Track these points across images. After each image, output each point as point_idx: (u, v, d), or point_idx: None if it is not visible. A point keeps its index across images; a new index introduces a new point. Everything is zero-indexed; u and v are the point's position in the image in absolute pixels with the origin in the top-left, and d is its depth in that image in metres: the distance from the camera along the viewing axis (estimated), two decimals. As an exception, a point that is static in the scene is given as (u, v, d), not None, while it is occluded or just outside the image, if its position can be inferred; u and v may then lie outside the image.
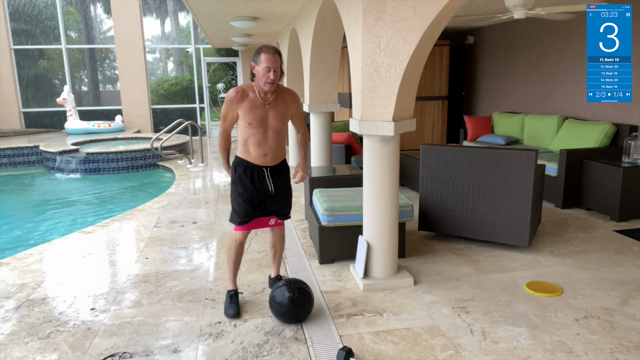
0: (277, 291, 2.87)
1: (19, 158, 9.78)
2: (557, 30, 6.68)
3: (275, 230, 3.22)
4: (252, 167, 2.94)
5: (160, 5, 14.60)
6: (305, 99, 5.96)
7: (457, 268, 3.72)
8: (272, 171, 2.99)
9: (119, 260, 4.06)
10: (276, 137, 2.94)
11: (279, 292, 2.86)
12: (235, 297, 3.12)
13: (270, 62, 2.75)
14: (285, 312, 2.84)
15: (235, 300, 3.10)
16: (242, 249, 3.12)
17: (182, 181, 7.35)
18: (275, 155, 2.97)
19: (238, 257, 3.12)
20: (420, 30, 2.89)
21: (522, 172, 3.80)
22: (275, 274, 3.35)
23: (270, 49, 2.79)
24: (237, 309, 3.04)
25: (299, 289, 2.86)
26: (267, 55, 2.76)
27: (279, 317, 2.89)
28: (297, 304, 2.83)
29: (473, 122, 7.44)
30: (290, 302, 2.81)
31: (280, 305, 2.83)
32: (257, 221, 3.08)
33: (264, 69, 2.76)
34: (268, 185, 2.99)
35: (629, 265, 3.73)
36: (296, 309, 2.84)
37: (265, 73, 2.77)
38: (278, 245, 3.27)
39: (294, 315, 2.86)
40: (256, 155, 2.92)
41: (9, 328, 2.92)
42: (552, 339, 2.70)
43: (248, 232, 3.08)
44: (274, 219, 3.12)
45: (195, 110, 13.42)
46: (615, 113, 5.80)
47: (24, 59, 12.75)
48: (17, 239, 5.26)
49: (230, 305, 3.07)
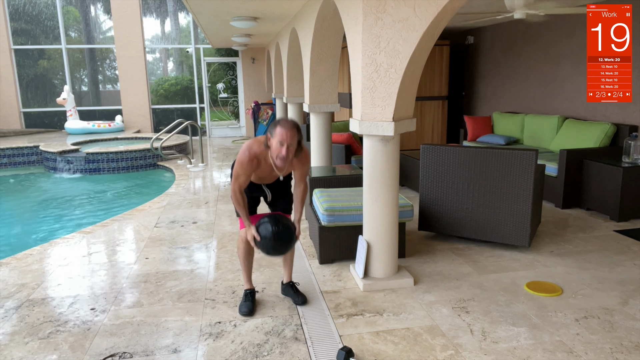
0: (261, 227, 2.83)
1: (19, 158, 9.78)
2: (557, 30, 6.68)
3: None
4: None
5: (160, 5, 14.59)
6: (305, 99, 5.95)
7: (457, 268, 3.72)
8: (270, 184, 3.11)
9: (119, 260, 4.06)
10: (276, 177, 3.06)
11: (262, 227, 2.82)
12: (251, 295, 3.13)
13: (284, 136, 2.59)
14: (269, 246, 2.82)
15: (250, 299, 3.11)
16: (250, 247, 3.09)
17: (182, 181, 7.35)
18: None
19: (247, 255, 3.12)
20: (420, 30, 2.89)
21: (522, 172, 3.80)
22: (287, 279, 3.26)
23: (287, 123, 2.63)
24: (250, 307, 3.05)
25: (283, 224, 2.84)
26: (282, 130, 2.60)
27: (265, 251, 2.87)
28: (281, 238, 2.80)
29: (473, 122, 7.44)
30: (273, 235, 2.78)
31: (265, 239, 2.80)
32: (260, 217, 3.08)
33: (278, 143, 2.61)
34: (266, 193, 3.11)
35: (629, 265, 3.73)
36: (280, 243, 2.82)
37: (278, 147, 2.62)
38: None
39: (277, 249, 2.86)
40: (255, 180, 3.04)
41: (9, 328, 2.92)
42: (552, 339, 2.70)
43: None
44: (279, 214, 3.11)
45: (195, 110, 13.43)
46: (615, 113, 5.80)
47: (24, 59, 12.74)
48: (17, 239, 5.26)
49: (244, 303, 3.09)
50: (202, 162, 8.76)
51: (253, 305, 3.09)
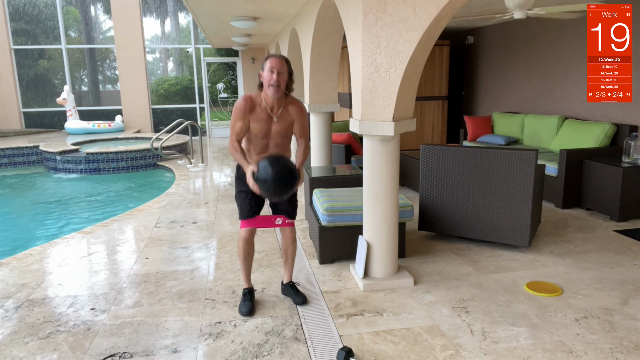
0: (261, 164, 2.73)
1: (19, 158, 9.78)
2: (557, 30, 6.68)
3: (285, 232, 3.15)
4: None
5: (160, 5, 14.60)
6: (305, 99, 5.96)
7: (457, 268, 3.72)
8: None
9: (119, 260, 4.06)
10: (277, 147, 2.99)
11: (262, 165, 2.72)
12: (249, 295, 3.13)
13: (274, 63, 2.78)
14: (270, 187, 2.71)
15: (249, 299, 3.11)
16: (249, 247, 3.09)
17: (182, 181, 7.35)
18: None
19: (247, 255, 3.11)
20: (420, 30, 2.89)
21: (522, 172, 3.80)
22: (287, 279, 3.27)
23: (276, 55, 2.86)
24: (249, 307, 3.05)
25: (284, 164, 2.74)
26: (271, 59, 2.81)
27: (266, 192, 2.77)
28: (282, 176, 2.70)
29: (473, 122, 7.44)
30: (274, 173, 2.68)
31: (265, 182, 2.71)
32: (262, 219, 3.07)
33: (268, 71, 2.79)
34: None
35: (629, 265, 3.73)
36: (281, 182, 2.72)
37: (269, 75, 2.78)
38: (289, 249, 3.21)
39: (277, 193, 2.77)
40: (257, 160, 2.93)
41: (9, 328, 2.92)
42: (552, 339, 2.70)
43: (253, 230, 3.07)
44: (281, 217, 3.08)
45: (195, 110, 13.43)
46: (615, 113, 5.80)
47: (24, 58, 12.75)
48: (17, 239, 5.26)
49: (244, 303, 3.09)
50: (202, 162, 8.76)
51: (252, 305, 3.09)
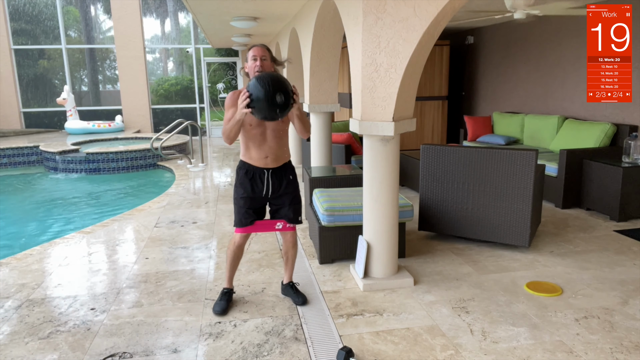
0: (252, 89, 2.62)
1: (19, 158, 9.78)
2: (557, 30, 6.68)
3: (286, 236, 3.13)
4: (253, 170, 2.94)
5: (160, 5, 14.59)
6: (305, 99, 5.96)
7: (457, 268, 3.72)
8: (274, 173, 2.97)
9: (119, 260, 4.06)
10: (275, 137, 2.92)
11: (252, 88, 2.61)
12: (227, 295, 3.14)
13: (255, 51, 2.85)
14: (264, 108, 2.62)
15: (225, 299, 3.12)
16: (239, 252, 3.11)
17: (182, 181, 7.35)
18: (276, 156, 2.95)
19: (235, 258, 3.12)
20: (420, 30, 2.89)
21: (522, 172, 3.80)
22: (287, 280, 3.27)
23: (257, 44, 2.92)
24: (223, 306, 3.06)
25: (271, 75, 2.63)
26: (253, 48, 2.88)
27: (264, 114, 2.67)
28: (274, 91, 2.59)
29: (473, 122, 7.44)
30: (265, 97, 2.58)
31: (258, 101, 2.61)
32: (261, 224, 3.05)
33: (251, 59, 2.85)
34: (264, 187, 2.95)
35: (629, 265, 3.73)
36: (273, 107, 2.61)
37: (252, 63, 2.83)
38: (290, 252, 3.19)
39: (270, 113, 2.65)
40: (257, 157, 2.92)
41: (9, 328, 2.92)
42: (552, 339, 2.70)
43: (247, 236, 3.07)
44: (281, 222, 3.06)
45: (195, 110, 13.43)
46: (615, 113, 5.80)
47: (24, 58, 12.75)
48: (17, 239, 5.26)
49: (219, 302, 3.10)
50: (202, 162, 8.76)
51: (227, 305, 3.09)
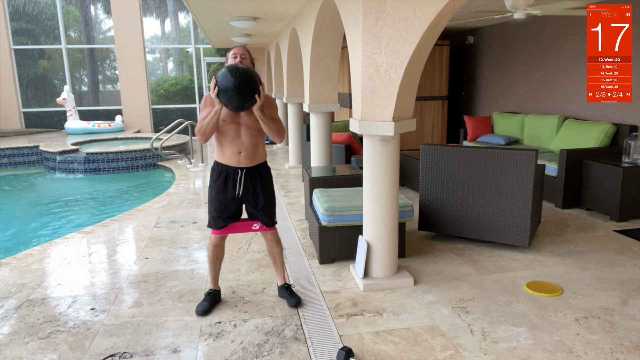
0: (221, 79, 2.72)
1: (19, 158, 9.78)
2: (557, 30, 6.68)
3: (266, 236, 3.16)
4: (227, 170, 2.93)
5: (160, 5, 14.60)
6: (305, 99, 5.96)
7: (457, 268, 3.72)
8: (248, 173, 2.95)
9: (119, 260, 4.06)
10: (249, 134, 2.91)
11: (222, 77, 2.72)
12: (211, 296, 3.15)
13: (236, 50, 2.98)
14: (232, 98, 2.72)
15: (209, 299, 3.12)
16: (217, 252, 3.13)
17: (182, 181, 7.35)
18: (249, 153, 2.92)
19: (215, 259, 3.15)
20: (420, 30, 2.89)
21: (522, 172, 3.80)
22: (281, 281, 3.26)
23: (238, 44, 3.11)
24: (205, 307, 3.06)
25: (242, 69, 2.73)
26: (234, 48, 3.01)
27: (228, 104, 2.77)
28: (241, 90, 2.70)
29: (473, 122, 7.44)
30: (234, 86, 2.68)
31: (226, 92, 2.71)
32: (236, 226, 3.08)
33: (232, 57, 2.96)
34: (237, 187, 2.94)
35: (629, 265, 3.73)
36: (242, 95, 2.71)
37: (232, 60, 2.95)
38: (275, 250, 3.20)
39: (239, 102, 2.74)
40: (231, 153, 2.90)
41: (9, 328, 2.92)
42: (552, 339, 2.70)
43: (224, 236, 3.10)
44: (257, 223, 3.09)
45: (195, 110, 13.43)
46: (615, 113, 5.80)
47: (24, 58, 12.75)
48: (17, 239, 5.26)
49: (202, 302, 3.11)
50: (202, 162, 8.76)
51: (210, 305, 3.09)
